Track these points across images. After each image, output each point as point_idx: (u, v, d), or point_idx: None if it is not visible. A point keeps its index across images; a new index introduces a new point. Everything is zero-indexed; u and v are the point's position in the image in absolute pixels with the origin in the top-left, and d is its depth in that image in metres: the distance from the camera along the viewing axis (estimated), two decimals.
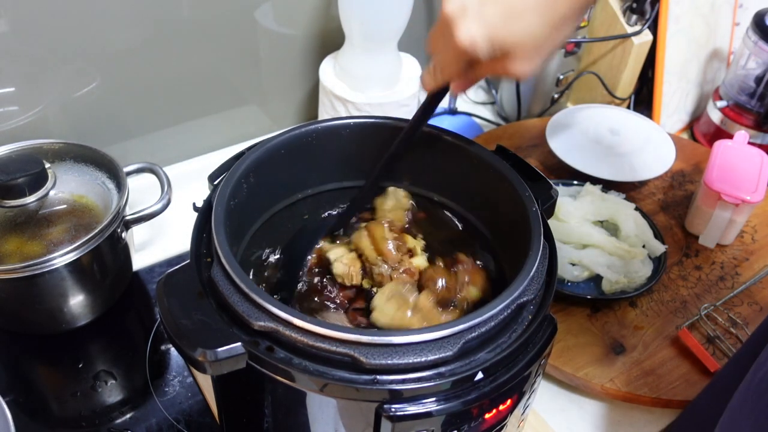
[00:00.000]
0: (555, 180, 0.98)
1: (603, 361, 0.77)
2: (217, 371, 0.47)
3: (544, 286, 0.54)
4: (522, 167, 0.63)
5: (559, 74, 1.14)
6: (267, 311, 0.48)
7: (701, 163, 1.08)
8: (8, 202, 0.72)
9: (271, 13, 0.97)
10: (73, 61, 0.84)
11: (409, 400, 0.47)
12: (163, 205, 0.79)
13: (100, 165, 0.79)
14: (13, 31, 0.78)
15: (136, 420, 0.71)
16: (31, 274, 0.68)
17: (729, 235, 0.93)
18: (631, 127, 1.07)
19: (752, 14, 1.11)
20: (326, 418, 0.51)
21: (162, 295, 0.49)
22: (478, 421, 0.50)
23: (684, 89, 1.20)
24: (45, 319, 0.76)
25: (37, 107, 0.85)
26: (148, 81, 0.91)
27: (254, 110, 1.06)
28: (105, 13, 0.83)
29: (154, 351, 0.78)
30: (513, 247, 0.60)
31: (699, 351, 0.77)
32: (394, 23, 0.94)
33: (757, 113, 1.11)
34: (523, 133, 1.11)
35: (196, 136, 1.01)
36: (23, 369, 0.77)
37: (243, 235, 0.63)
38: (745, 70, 1.12)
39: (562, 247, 0.86)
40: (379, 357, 0.46)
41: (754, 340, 0.60)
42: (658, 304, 0.84)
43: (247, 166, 0.60)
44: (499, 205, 0.63)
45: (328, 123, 0.66)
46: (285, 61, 1.03)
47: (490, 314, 0.48)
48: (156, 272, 0.87)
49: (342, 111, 0.98)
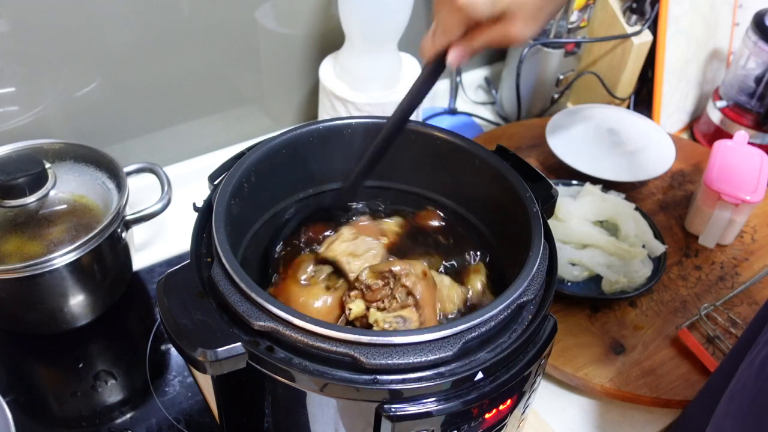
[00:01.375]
0: (555, 180, 0.98)
1: (603, 361, 0.77)
2: (217, 371, 0.47)
3: (544, 286, 0.54)
4: (522, 167, 0.63)
5: (559, 74, 1.14)
6: (267, 311, 0.48)
7: (701, 163, 1.08)
8: (8, 202, 0.72)
9: (271, 13, 0.97)
10: (73, 61, 0.84)
11: (409, 400, 0.47)
12: (163, 205, 0.79)
13: (100, 165, 0.79)
14: (13, 31, 0.78)
15: (136, 420, 0.71)
16: (32, 274, 0.68)
17: (729, 235, 0.93)
18: (631, 127, 1.07)
19: (752, 14, 1.11)
20: (326, 418, 0.51)
21: (162, 295, 0.49)
22: (478, 421, 0.50)
23: (684, 89, 1.20)
24: (45, 319, 0.76)
25: (37, 107, 0.85)
26: (148, 81, 0.91)
27: (254, 110, 1.06)
28: (105, 14, 0.83)
29: (154, 351, 0.78)
30: (513, 248, 0.60)
31: (699, 351, 0.77)
32: (394, 23, 0.94)
33: (757, 113, 1.11)
34: (523, 133, 1.11)
35: (196, 136, 1.01)
36: (23, 369, 0.77)
37: (243, 235, 0.63)
38: (745, 70, 1.12)
39: (562, 247, 0.86)
40: (379, 357, 0.46)
41: (748, 334, 0.60)
42: (658, 304, 0.85)
43: (247, 166, 0.60)
44: (499, 206, 0.63)
45: (330, 123, 0.66)
46: (285, 61, 1.03)
47: (490, 314, 0.48)
48: (156, 272, 0.87)
49: (342, 111, 0.98)
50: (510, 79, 1.16)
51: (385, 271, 0.56)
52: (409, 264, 0.56)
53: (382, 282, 0.56)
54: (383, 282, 0.56)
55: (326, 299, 0.58)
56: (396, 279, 0.55)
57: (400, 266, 0.56)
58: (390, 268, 0.56)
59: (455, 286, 0.62)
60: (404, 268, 0.56)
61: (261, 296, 0.48)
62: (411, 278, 0.55)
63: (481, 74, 1.30)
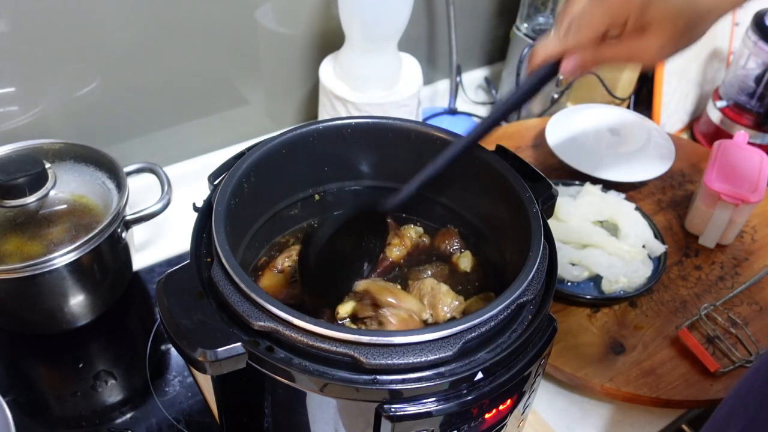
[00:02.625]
0: (555, 180, 0.98)
1: (603, 361, 0.77)
2: (217, 371, 0.47)
3: (544, 286, 0.54)
4: (522, 167, 0.63)
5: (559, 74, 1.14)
6: (267, 311, 0.48)
7: (701, 163, 1.08)
8: (8, 202, 0.72)
9: (271, 13, 0.97)
10: (73, 61, 0.84)
11: (409, 400, 0.47)
12: (163, 205, 0.79)
13: (100, 165, 0.79)
14: (13, 31, 0.78)
15: (136, 420, 0.71)
16: (31, 274, 0.68)
17: (729, 235, 0.93)
18: (631, 127, 1.07)
19: (752, 14, 1.11)
20: (326, 418, 0.51)
21: (162, 295, 0.49)
22: (478, 421, 0.50)
23: (684, 89, 1.20)
24: (45, 319, 0.76)
25: (37, 107, 0.85)
26: (148, 81, 0.91)
27: (254, 110, 1.06)
28: (105, 14, 0.83)
29: (154, 351, 0.78)
30: (513, 248, 0.60)
31: (699, 351, 0.77)
32: (394, 23, 0.94)
33: (757, 113, 1.11)
34: (523, 133, 1.11)
35: (196, 136, 1.01)
36: (23, 369, 0.77)
37: (243, 235, 0.63)
38: (745, 70, 1.12)
39: (562, 247, 0.86)
40: (379, 357, 0.46)
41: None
42: (657, 304, 0.85)
43: (247, 166, 0.60)
44: (499, 206, 0.63)
45: (330, 123, 0.66)
46: (285, 61, 1.03)
47: (490, 314, 0.48)
48: (156, 272, 0.87)
49: (342, 111, 0.98)
50: (510, 79, 1.16)
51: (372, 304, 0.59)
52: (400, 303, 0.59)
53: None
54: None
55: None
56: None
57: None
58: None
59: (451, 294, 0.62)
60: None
61: (261, 296, 0.48)
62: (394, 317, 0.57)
63: (481, 74, 1.30)
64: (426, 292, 0.62)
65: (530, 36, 1.12)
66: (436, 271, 0.66)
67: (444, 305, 0.61)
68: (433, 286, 0.62)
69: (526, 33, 1.13)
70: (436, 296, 0.61)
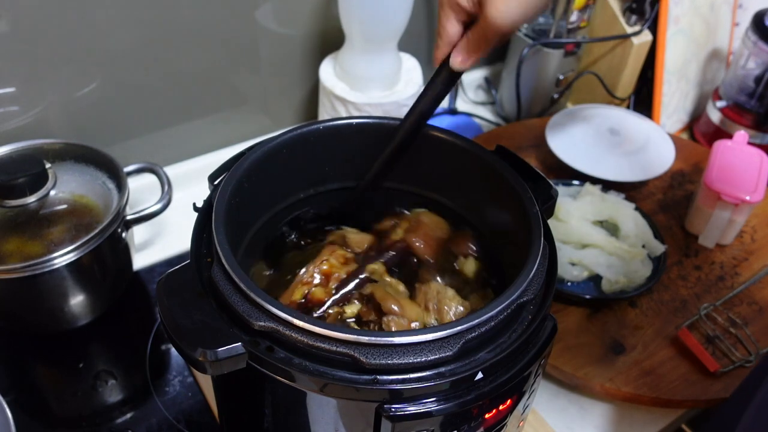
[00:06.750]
0: (555, 180, 0.98)
1: (603, 361, 0.77)
2: (217, 371, 0.47)
3: (544, 286, 0.54)
4: (522, 167, 0.62)
5: (559, 74, 1.14)
6: (267, 311, 0.48)
7: (701, 163, 1.08)
8: (9, 202, 0.72)
9: (271, 13, 0.97)
10: (73, 61, 0.84)
11: (409, 400, 0.47)
12: (164, 205, 0.79)
13: (100, 165, 0.79)
14: (13, 31, 0.78)
15: (137, 420, 0.71)
16: (32, 274, 0.68)
17: (728, 235, 0.93)
18: (631, 127, 1.07)
19: (752, 14, 1.11)
20: (326, 418, 0.51)
21: (162, 295, 0.49)
22: (478, 421, 0.50)
23: (684, 89, 1.20)
24: (45, 319, 0.76)
25: (38, 107, 0.85)
26: (149, 81, 0.91)
27: (254, 110, 1.06)
28: (105, 14, 0.83)
29: (154, 351, 0.78)
30: (513, 247, 0.60)
31: (699, 351, 0.77)
32: (394, 23, 0.94)
33: (757, 113, 1.11)
34: (523, 133, 1.11)
35: (196, 136, 1.01)
36: (23, 369, 0.77)
37: (243, 235, 0.63)
38: (745, 70, 1.12)
39: (562, 247, 0.86)
40: (379, 357, 0.46)
41: None
42: (657, 304, 0.85)
43: (247, 166, 0.60)
44: (499, 206, 0.63)
45: (330, 123, 0.66)
46: (285, 61, 1.03)
47: (490, 314, 0.48)
48: (156, 272, 0.87)
49: (342, 111, 0.98)
50: (510, 79, 1.16)
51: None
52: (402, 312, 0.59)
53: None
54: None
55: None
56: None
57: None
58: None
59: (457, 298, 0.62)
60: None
61: (261, 296, 0.48)
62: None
63: (481, 74, 1.30)
64: (432, 297, 0.62)
65: (530, 36, 1.12)
66: (441, 273, 0.66)
67: (450, 310, 0.61)
68: (439, 290, 0.62)
69: (526, 33, 1.13)
70: (442, 301, 0.61)
